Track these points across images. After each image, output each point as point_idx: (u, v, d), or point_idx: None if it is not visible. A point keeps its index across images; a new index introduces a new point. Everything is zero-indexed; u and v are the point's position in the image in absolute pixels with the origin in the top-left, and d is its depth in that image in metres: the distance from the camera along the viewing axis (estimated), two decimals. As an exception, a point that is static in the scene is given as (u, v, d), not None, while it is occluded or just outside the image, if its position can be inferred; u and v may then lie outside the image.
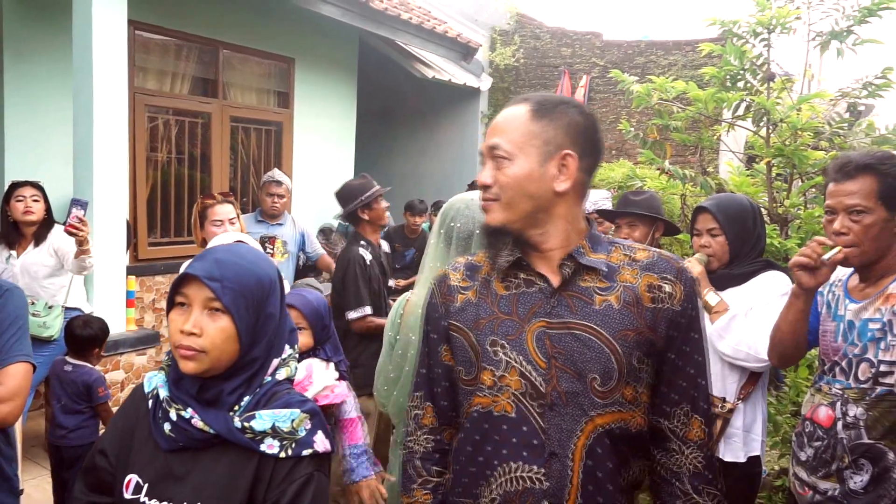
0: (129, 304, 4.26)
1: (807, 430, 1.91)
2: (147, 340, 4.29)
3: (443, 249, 1.94)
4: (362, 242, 3.40)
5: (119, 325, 4.12)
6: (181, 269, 3.07)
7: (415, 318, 1.96)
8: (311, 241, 4.70)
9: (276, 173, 4.57)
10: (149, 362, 4.31)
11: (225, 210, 2.92)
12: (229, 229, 2.88)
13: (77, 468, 3.02)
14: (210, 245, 2.42)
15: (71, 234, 3.20)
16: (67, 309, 3.67)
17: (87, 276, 3.75)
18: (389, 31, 6.43)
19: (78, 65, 3.87)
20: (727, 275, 2.30)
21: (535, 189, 1.27)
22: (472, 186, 4.20)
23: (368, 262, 3.33)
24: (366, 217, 3.45)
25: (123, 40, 3.97)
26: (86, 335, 3.10)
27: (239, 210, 3.03)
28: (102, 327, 3.19)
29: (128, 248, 4.36)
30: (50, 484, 3.25)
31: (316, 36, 6.20)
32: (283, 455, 1.19)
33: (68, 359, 3.10)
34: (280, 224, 4.51)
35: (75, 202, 3.17)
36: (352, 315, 3.23)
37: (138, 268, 4.90)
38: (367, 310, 3.25)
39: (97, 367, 3.16)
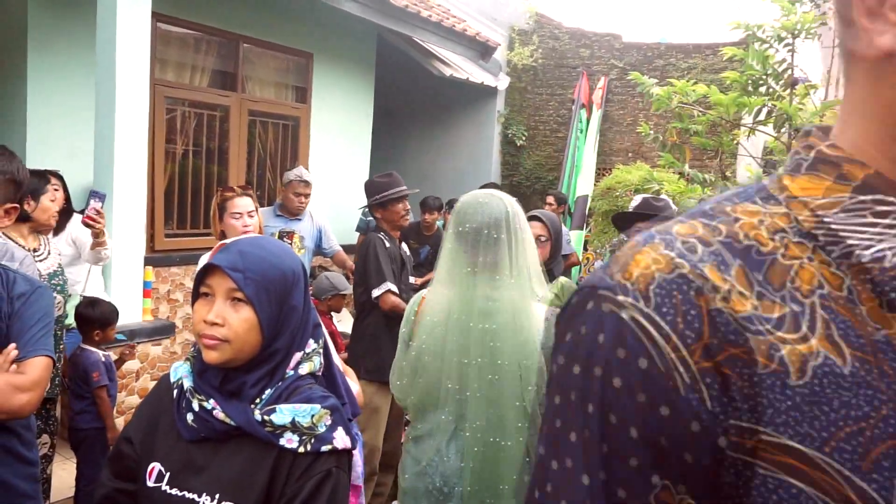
0: (146, 294, 4.29)
1: None
2: (163, 331, 4.32)
3: (456, 250, 1.95)
4: (381, 233, 3.44)
5: (135, 314, 4.15)
6: (199, 262, 3.09)
7: (429, 320, 1.96)
8: (328, 237, 4.71)
9: (304, 172, 4.52)
10: (164, 352, 4.35)
11: (244, 203, 2.94)
12: (248, 222, 2.89)
13: (83, 451, 3.07)
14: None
15: (88, 225, 3.22)
16: (86, 298, 3.70)
17: (106, 265, 3.78)
18: (408, 28, 6.43)
19: (101, 56, 3.90)
20: None
21: None
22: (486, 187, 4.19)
23: (387, 246, 3.36)
24: (378, 216, 3.48)
25: (147, 32, 4.00)
26: (85, 315, 3.11)
27: (257, 203, 3.04)
28: (105, 311, 3.16)
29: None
30: (66, 469, 3.29)
31: (335, 32, 6.22)
32: (301, 450, 1.19)
33: (81, 344, 3.12)
34: (298, 219, 4.52)
35: (94, 194, 3.20)
36: (376, 292, 3.26)
37: (154, 258, 4.93)
38: (390, 285, 3.27)
39: (103, 352, 3.13)
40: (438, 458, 1.92)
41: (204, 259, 2.95)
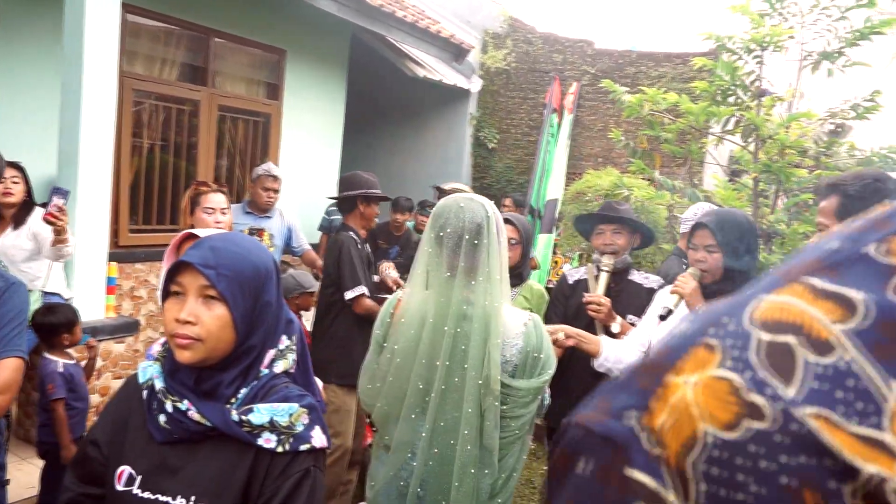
0: (109, 290, 4.19)
1: None
2: (126, 328, 4.22)
3: (433, 254, 1.94)
4: (351, 233, 3.41)
5: (98, 311, 4.05)
6: (164, 259, 3.00)
7: (405, 323, 1.96)
8: (297, 236, 4.67)
9: (272, 167, 4.51)
10: (127, 350, 4.25)
11: (218, 199, 2.89)
12: (221, 219, 2.85)
13: (48, 464, 2.92)
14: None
15: (49, 223, 3.11)
16: (46, 294, 3.60)
17: (68, 260, 3.68)
18: (383, 27, 6.40)
19: (68, 47, 3.80)
20: (721, 290, 2.34)
21: None
22: (441, 191, 4.17)
23: (359, 247, 3.35)
24: (362, 209, 3.46)
25: (116, 24, 3.91)
26: (47, 323, 2.95)
27: (230, 202, 3.00)
28: (66, 313, 3.01)
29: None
30: (21, 469, 3.20)
31: (309, 29, 6.16)
32: (280, 450, 1.18)
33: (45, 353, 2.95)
34: (268, 217, 4.47)
35: (56, 190, 3.09)
36: (349, 294, 3.24)
37: (118, 254, 4.82)
38: (364, 289, 3.26)
39: (65, 361, 2.96)
40: (412, 461, 1.91)
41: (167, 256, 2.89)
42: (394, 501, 1.95)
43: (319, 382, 2.10)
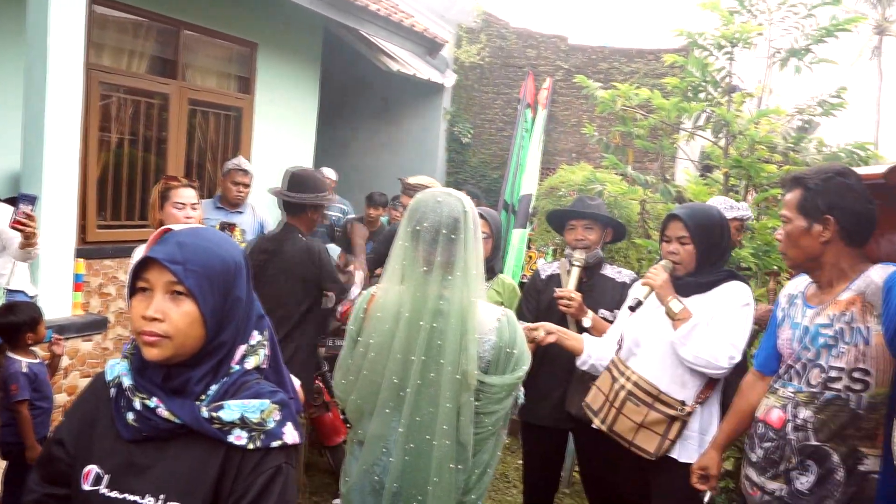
0: (77, 287, 4.11)
1: (759, 432, 1.98)
2: (94, 326, 4.15)
3: (409, 248, 1.93)
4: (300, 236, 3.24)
5: (65, 309, 3.97)
6: (134, 255, 2.95)
7: (379, 317, 1.95)
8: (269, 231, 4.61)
9: (242, 161, 4.47)
10: (95, 348, 4.17)
11: (189, 194, 2.84)
12: (191, 214, 2.81)
13: (9, 466, 2.85)
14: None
15: (17, 230, 3.01)
16: (10, 291, 3.52)
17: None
18: (356, 21, 6.36)
19: (32, 38, 3.71)
20: (692, 283, 2.37)
21: None
22: (406, 185, 4.07)
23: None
24: (310, 215, 3.28)
25: (82, 14, 3.82)
26: (10, 323, 2.87)
27: (200, 198, 2.95)
28: (28, 311, 2.95)
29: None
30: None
31: (281, 22, 6.09)
32: (251, 447, 1.16)
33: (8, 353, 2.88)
34: (240, 212, 4.42)
35: (23, 197, 2.99)
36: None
37: (86, 250, 4.72)
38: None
39: (28, 360, 2.90)
40: (386, 457, 1.91)
41: (139, 252, 2.84)
42: (367, 496, 1.94)
43: (296, 381, 2.08)
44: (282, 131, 6.37)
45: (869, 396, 1.77)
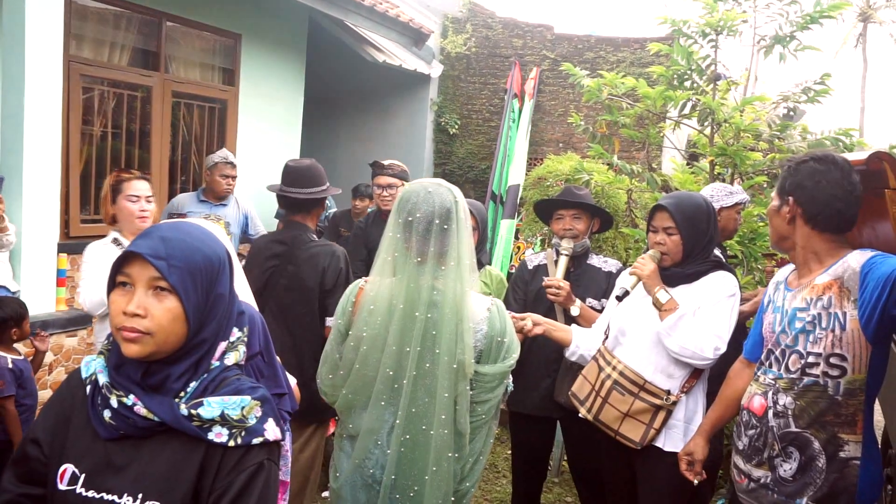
0: (60, 283, 4.06)
1: (744, 419, 1.99)
2: (78, 321, 4.10)
3: (400, 240, 1.91)
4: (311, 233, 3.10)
5: (48, 304, 3.93)
6: (86, 251, 2.83)
7: (370, 310, 1.93)
8: (254, 223, 4.59)
9: (229, 154, 4.43)
10: (80, 344, 4.13)
11: (143, 186, 2.74)
12: (146, 207, 2.74)
13: None
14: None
15: None
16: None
17: (14, 252, 3.55)
18: (341, 11, 6.30)
19: (8, 29, 3.64)
20: (679, 273, 2.37)
21: None
22: (379, 165, 4.02)
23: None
24: (318, 212, 3.12)
25: (60, 4, 3.76)
26: None
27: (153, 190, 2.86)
28: (13, 307, 2.91)
29: None
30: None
31: (265, 13, 6.02)
32: (232, 444, 1.14)
33: None
34: (224, 205, 4.39)
35: None
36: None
37: (69, 245, 4.67)
38: None
39: (12, 356, 2.87)
40: (379, 451, 1.90)
41: (96, 246, 2.73)
42: (359, 491, 1.93)
43: (293, 379, 2.05)
44: (267, 123, 6.31)
45: (846, 382, 1.77)
